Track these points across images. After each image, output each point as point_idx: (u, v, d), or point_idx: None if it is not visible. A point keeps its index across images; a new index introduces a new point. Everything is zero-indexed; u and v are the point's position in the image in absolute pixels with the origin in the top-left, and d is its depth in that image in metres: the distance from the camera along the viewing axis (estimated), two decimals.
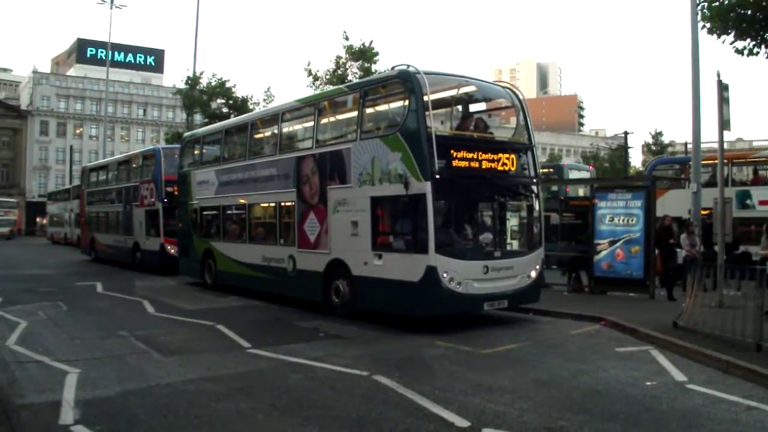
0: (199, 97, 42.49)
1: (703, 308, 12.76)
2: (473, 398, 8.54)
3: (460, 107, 16.90)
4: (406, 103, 13.80)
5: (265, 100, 40.68)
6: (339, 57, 35.05)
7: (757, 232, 22.74)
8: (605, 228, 18.39)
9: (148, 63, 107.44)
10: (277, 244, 17.94)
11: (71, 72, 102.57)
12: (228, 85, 42.34)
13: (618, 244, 18.14)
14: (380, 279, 13.91)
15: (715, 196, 15.73)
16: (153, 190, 26.66)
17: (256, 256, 18.67)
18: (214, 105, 42.73)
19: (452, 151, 13.47)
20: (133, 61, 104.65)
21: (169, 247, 25.89)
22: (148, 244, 27.17)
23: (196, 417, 7.81)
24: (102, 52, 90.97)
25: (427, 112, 13.19)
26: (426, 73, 13.60)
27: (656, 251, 18.02)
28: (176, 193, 25.36)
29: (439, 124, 14.97)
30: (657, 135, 69.61)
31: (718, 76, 14.83)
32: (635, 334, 12.91)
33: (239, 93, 42.68)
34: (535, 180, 15.26)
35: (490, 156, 14.10)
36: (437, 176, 12.85)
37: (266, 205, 19.01)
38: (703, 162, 21.53)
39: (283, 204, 17.74)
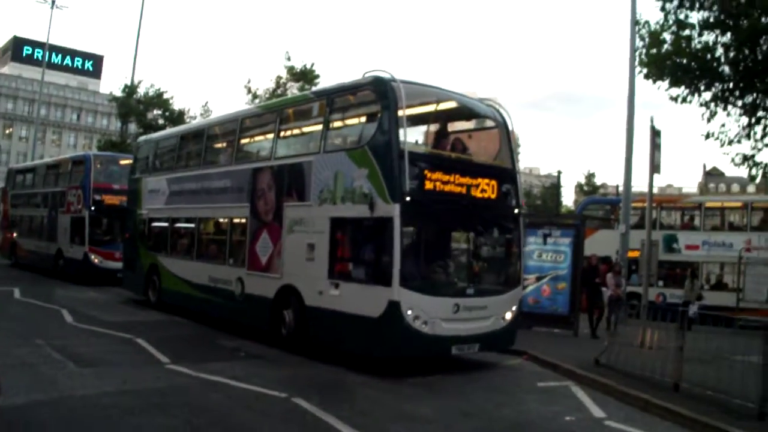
0: (135, 106, 41.80)
1: (624, 347, 12.95)
2: (394, 426, 8.49)
3: (438, 125, 14.90)
4: (378, 113, 12.41)
5: (202, 114, 40.23)
6: (279, 77, 34.96)
7: (682, 275, 23.42)
8: (533, 263, 18.53)
9: (85, 67, 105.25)
10: (225, 264, 16.28)
11: (4, 70, 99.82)
12: (166, 96, 41.79)
13: (545, 280, 18.30)
14: (336, 311, 12.33)
15: (643, 238, 16.09)
16: (80, 197, 25.95)
17: (203, 276, 16.94)
18: (150, 115, 42.09)
19: (426, 172, 12.04)
20: (70, 65, 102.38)
21: (93, 257, 25.19)
22: (72, 252, 26.40)
23: (108, 431, 7.56)
24: (39, 53, 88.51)
25: (400, 126, 11.83)
26: (403, 82, 12.11)
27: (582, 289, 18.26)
28: (105, 201, 25.04)
29: (412, 142, 13.44)
30: (590, 176, 70.88)
31: (651, 121, 15.29)
32: (556, 369, 13.04)
33: (177, 105, 42.20)
34: (517, 210, 13.72)
35: (468, 180, 12.58)
36: (407, 198, 11.38)
37: (217, 219, 17.63)
38: (633, 204, 22.01)
39: (234, 220, 16.31)
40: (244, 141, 17.20)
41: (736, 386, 9.85)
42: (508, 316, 13.06)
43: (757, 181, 23.61)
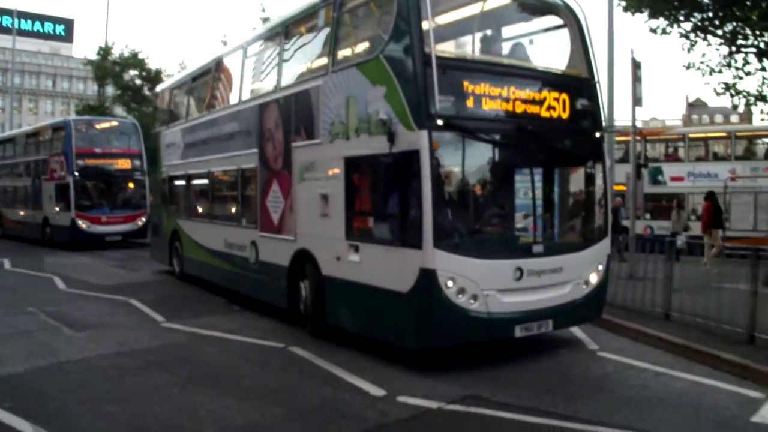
0: (111, 68, 41.50)
1: (614, 280, 13.09)
2: (388, 368, 8.58)
3: (485, 26, 10.52)
4: (394, 8, 8.75)
5: (179, 72, 40.03)
6: (255, 30, 34.54)
7: (668, 207, 23.61)
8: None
9: (57, 32, 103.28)
10: (239, 226, 13.50)
11: None
12: (141, 56, 41.52)
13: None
14: (355, 283, 9.33)
15: (628, 171, 16.14)
16: (63, 163, 25.78)
17: (219, 241, 14.28)
18: (126, 77, 41.83)
19: (466, 84, 8.61)
20: (41, 30, 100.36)
21: (80, 222, 25.18)
22: (59, 219, 26.31)
23: (109, 392, 7.65)
24: (7, 20, 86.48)
25: (424, 23, 8.36)
26: None
27: None
28: (88, 165, 25.15)
29: (448, 49, 9.97)
30: None
31: (632, 53, 15.16)
32: None
33: (153, 65, 41.93)
34: (598, 134, 10.05)
35: (529, 94, 9.11)
36: (439, 121, 8.09)
37: (228, 171, 14.29)
38: (616, 138, 22.05)
39: (245, 171, 13.13)
40: (249, 73, 13.71)
41: (725, 313, 9.97)
42: (593, 279, 9.67)
43: (740, 110, 23.69)
